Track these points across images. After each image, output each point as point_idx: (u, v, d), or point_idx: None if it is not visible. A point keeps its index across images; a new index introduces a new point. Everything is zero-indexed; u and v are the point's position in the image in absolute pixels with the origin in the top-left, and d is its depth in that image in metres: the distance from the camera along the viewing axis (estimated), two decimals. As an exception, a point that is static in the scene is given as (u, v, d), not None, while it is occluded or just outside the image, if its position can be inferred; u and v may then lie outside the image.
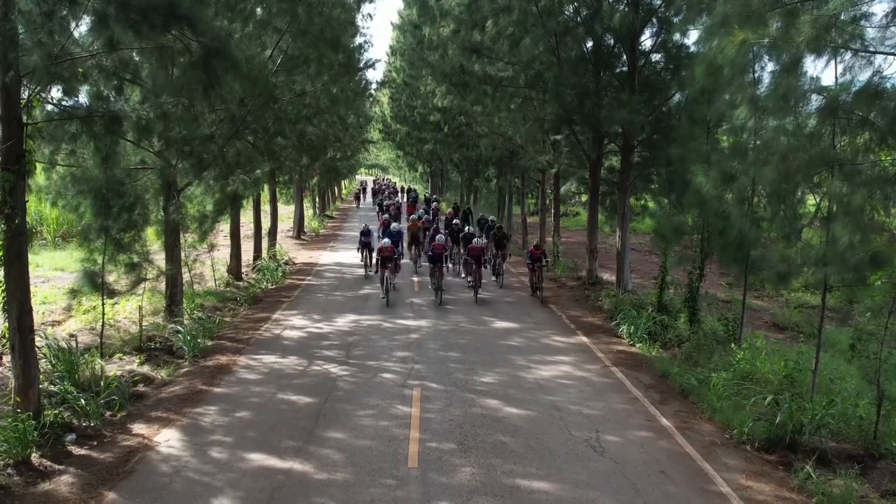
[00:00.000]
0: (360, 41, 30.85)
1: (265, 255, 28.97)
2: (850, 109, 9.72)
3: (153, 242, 17.59)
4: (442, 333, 17.40)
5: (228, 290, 22.86)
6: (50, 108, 11.64)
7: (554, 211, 31.13)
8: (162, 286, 17.29)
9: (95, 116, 11.26)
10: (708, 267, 17.28)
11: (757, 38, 10.29)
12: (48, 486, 9.13)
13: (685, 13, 18.03)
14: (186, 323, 16.67)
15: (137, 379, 13.45)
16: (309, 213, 48.66)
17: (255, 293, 22.65)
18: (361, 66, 31.28)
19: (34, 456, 9.73)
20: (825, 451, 10.18)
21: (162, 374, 13.98)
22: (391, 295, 21.43)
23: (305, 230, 41.54)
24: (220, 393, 12.88)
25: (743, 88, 11.74)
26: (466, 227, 29.85)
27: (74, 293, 14.07)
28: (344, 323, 18.26)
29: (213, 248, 22.20)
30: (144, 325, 16.18)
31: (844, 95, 9.71)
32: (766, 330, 19.54)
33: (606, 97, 21.42)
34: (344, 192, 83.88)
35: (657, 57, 21.77)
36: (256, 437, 10.75)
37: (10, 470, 9.32)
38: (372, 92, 41.28)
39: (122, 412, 11.79)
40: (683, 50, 20.42)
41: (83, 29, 11.35)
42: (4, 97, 10.13)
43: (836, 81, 10.12)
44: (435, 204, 40.36)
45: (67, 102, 11.47)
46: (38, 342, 11.42)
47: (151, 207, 16.02)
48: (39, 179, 14.45)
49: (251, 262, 27.70)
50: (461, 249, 25.91)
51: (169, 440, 10.65)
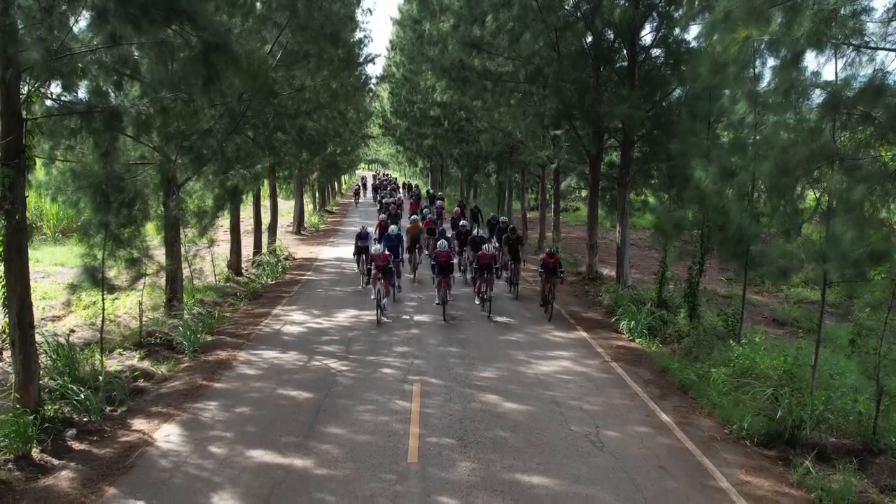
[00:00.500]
0: (359, 36, 30.75)
1: (265, 250, 28.96)
2: (852, 105, 9.71)
3: (153, 238, 17.59)
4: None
5: (228, 285, 22.85)
6: (49, 103, 11.61)
7: (554, 206, 31.13)
8: (162, 281, 17.30)
9: (95, 112, 11.25)
10: (708, 262, 17.28)
11: (760, 34, 10.27)
12: (49, 480, 9.14)
13: (686, 9, 18.03)
14: (186, 318, 16.67)
15: (137, 374, 13.47)
16: (309, 208, 48.64)
17: (255, 288, 22.65)
18: (361, 61, 31.17)
19: (34, 451, 9.75)
20: (824, 446, 10.20)
21: (162, 369, 14.00)
22: (391, 299, 20.15)
23: (305, 225, 41.53)
24: (220, 388, 12.89)
25: (743, 84, 11.72)
26: (475, 228, 26.77)
27: (74, 288, 14.04)
28: (344, 318, 18.26)
29: (212, 243, 22.19)
30: (144, 320, 16.18)
31: (847, 91, 9.69)
32: (765, 325, 19.54)
33: (606, 92, 21.40)
34: (344, 187, 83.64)
35: (657, 52, 21.73)
36: (256, 432, 10.77)
37: (10, 465, 9.33)
38: (372, 87, 41.08)
39: (122, 407, 11.81)
40: (684, 45, 20.39)
41: (82, 24, 11.34)
42: (4, 93, 10.12)
43: (836, 77, 10.12)
44: (440, 202, 37.24)
45: (67, 98, 11.45)
46: (38, 338, 11.42)
47: (151, 203, 15.99)
48: (39, 175, 14.44)
49: (251, 257, 27.70)
50: (469, 255, 23.08)
51: (169, 435, 10.67)
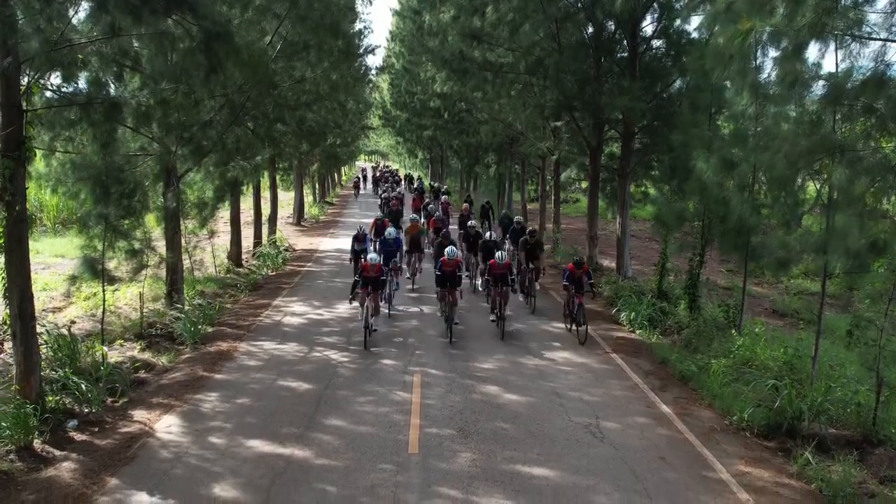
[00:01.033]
0: (359, 27, 30.74)
1: (265, 241, 28.96)
2: (854, 97, 9.69)
3: (153, 229, 17.59)
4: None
5: (229, 276, 22.86)
6: (49, 94, 11.60)
7: (554, 197, 31.10)
8: (162, 273, 17.31)
9: (95, 103, 11.23)
10: (708, 254, 17.28)
11: (762, 25, 10.25)
12: (50, 471, 9.16)
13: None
14: (187, 309, 16.68)
15: (138, 365, 13.49)
16: (309, 199, 48.60)
17: (255, 279, 22.65)
18: (361, 52, 31.16)
19: (36, 442, 9.77)
20: (824, 437, 10.22)
21: (163, 360, 14.01)
22: (387, 311, 17.69)
23: (305, 217, 41.52)
24: (220, 379, 12.91)
25: (745, 75, 11.69)
26: (485, 228, 25.54)
27: (75, 280, 14.08)
28: (344, 309, 18.26)
29: (213, 234, 22.20)
30: (145, 311, 16.19)
31: (849, 82, 9.68)
32: (765, 317, 19.55)
33: (607, 83, 21.34)
34: (344, 178, 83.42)
35: (658, 43, 21.66)
36: (257, 423, 10.79)
37: (12, 456, 9.35)
38: (371, 78, 41.04)
39: (123, 398, 11.82)
40: (685, 36, 20.32)
41: (82, 15, 11.31)
42: (4, 84, 10.09)
43: (837, 68, 10.10)
44: (445, 197, 32.88)
45: (67, 89, 11.42)
46: (38, 329, 11.43)
47: (151, 194, 15.99)
48: (39, 166, 14.43)
49: (251, 248, 27.71)
50: (479, 260, 20.03)
51: (170, 426, 10.69)
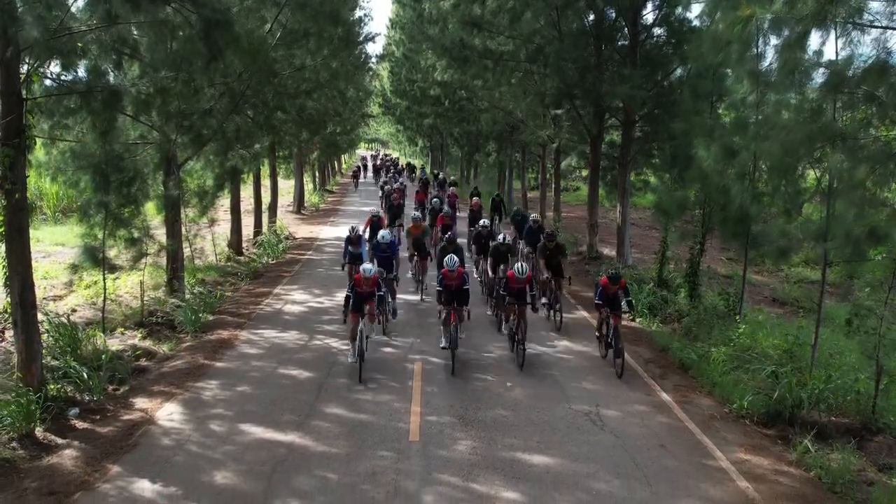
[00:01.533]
0: (359, 14, 30.69)
1: (265, 229, 28.96)
2: (855, 85, 9.67)
3: (153, 217, 17.60)
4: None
5: (229, 264, 22.88)
6: (49, 83, 11.58)
7: (554, 185, 31.11)
8: (163, 261, 17.32)
9: (94, 91, 11.21)
10: (709, 242, 17.29)
11: (763, 13, 10.22)
12: (52, 459, 9.20)
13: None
14: (188, 297, 16.70)
15: (139, 353, 13.51)
16: (309, 187, 48.57)
17: (255, 268, 22.66)
18: (361, 39, 31.04)
19: (38, 430, 9.80)
20: (824, 425, 10.26)
21: (164, 348, 14.04)
22: (382, 326, 14.94)
23: (305, 205, 41.49)
24: (221, 367, 12.93)
25: (746, 63, 11.67)
26: (497, 225, 23.97)
27: (75, 268, 14.11)
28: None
29: (213, 222, 22.20)
30: (146, 299, 16.21)
31: (850, 70, 9.66)
32: (765, 305, 19.58)
33: (608, 71, 21.30)
34: (344, 166, 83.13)
35: (659, 31, 21.63)
36: (258, 410, 10.82)
37: (14, 444, 9.38)
38: (371, 66, 40.89)
39: (124, 386, 11.86)
40: (686, 24, 20.28)
41: (81, 3, 11.28)
42: (4, 72, 10.08)
43: (837, 56, 10.08)
44: (452, 189, 30.63)
45: (66, 77, 11.41)
46: (39, 317, 11.45)
47: (151, 182, 16.00)
48: (39, 155, 14.42)
49: (251, 236, 27.71)
50: (489, 267, 16.48)
51: (171, 414, 10.72)
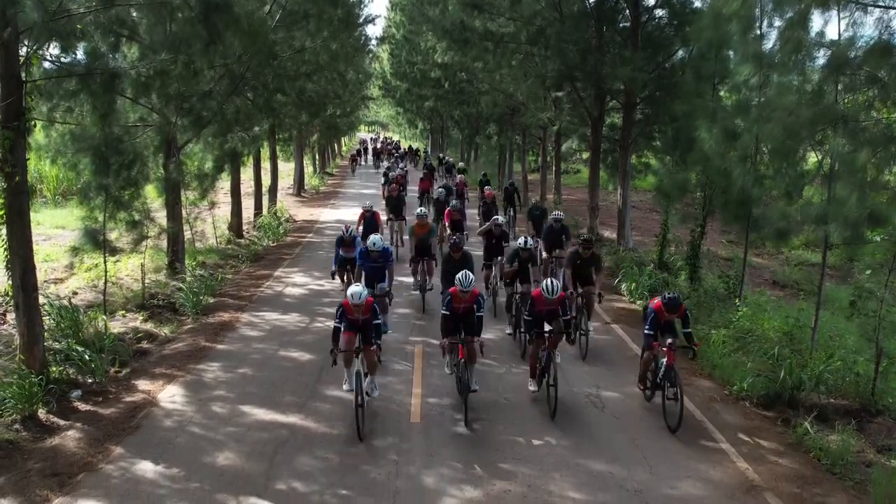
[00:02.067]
0: (359, -5, 30.46)
1: (266, 212, 28.93)
2: (857, 66, 9.64)
3: (153, 200, 17.57)
4: None
5: (230, 247, 22.88)
6: (48, 65, 11.53)
7: (555, 168, 31.06)
8: (163, 244, 17.33)
9: (94, 73, 11.17)
10: (709, 224, 17.27)
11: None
12: (55, 440, 9.25)
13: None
14: (189, 280, 16.71)
15: (141, 336, 13.54)
16: (309, 170, 48.45)
17: (256, 250, 22.67)
18: (361, 21, 30.89)
19: (41, 412, 9.83)
20: (823, 407, 10.30)
21: (165, 330, 14.07)
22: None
23: (306, 187, 41.40)
24: (222, 349, 12.97)
25: (748, 44, 11.62)
26: (509, 218, 22.54)
27: (76, 251, 14.11)
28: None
29: (213, 205, 22.13)
30: (147, 282, 16.22)
31: (852, 51, 9.62)
32: (766, 287, 19.61)
33: (609, 53, 21.21)
34: (344, 149, 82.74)
35: (661, 12, 21.53)
36: (259, 392, 10.86)
37: (17, 425, 9.42)
38: (371, 48, 40.72)
39: (126, 369, 11.89)
40: (688, 5, 20.18)
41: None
42: (3, 54, 10.03)
43: (839, 36, 10.03)
44: (461, 176, 28.51)
45: (65, 60, 11.37)
46: (41, 300, 11.46)
47: (151, 165, 15.97)
48: (39, 137, 14.38)
49: (252, 219, 27.68)
50: (498, 272, 14.94)
51: (173, 396, 10.76)
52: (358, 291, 9.55)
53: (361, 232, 16.77)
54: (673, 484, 8.30)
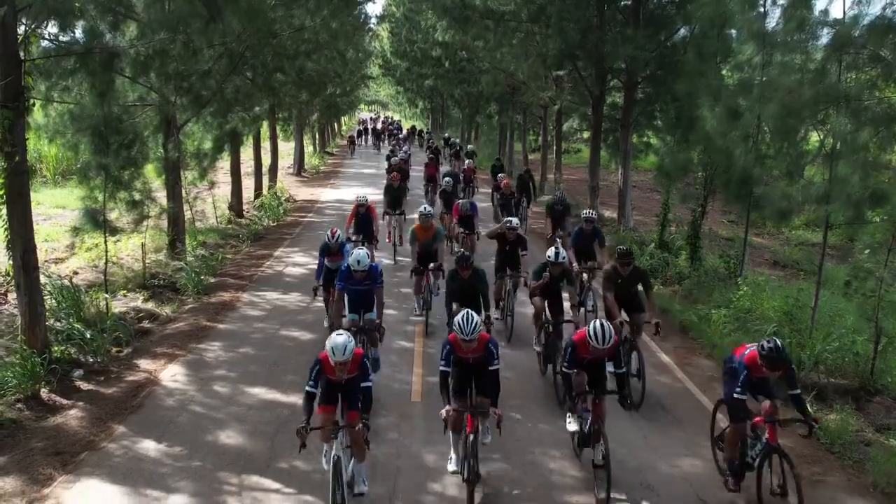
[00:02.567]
0: (359, -27, 30.20)
1: (266, 192, 28.89)
2: (860, 45, 9.59)
3: (153, 180, 17.54)
4: None
5: (230, 227, 22.88)
6: (46, 44, 11.46)
7: (556, 148, 30.95)
8: (164, 224, 17.33)
9: (93, 52, 11.11)
10: (710, 204, 17.26)
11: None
12: (58, 419, 9.29)
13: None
14: (189, 260, 16.73)
15: (142, 315, 13.57)
16: (309, 150, 48.34)
17: (256, 230, 22.66)
18: (361, -1, 30.68)
19: (43, 391, 9.88)
20: (823, 386, 10.33)
21: (166, 310, 14.10)
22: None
23: (306, 167, 41.32)
24: (223, 329, 13.00)
25: (750, 23, 11.55)
26: (524, 206, 20.61)
27: (77, 231, 14.11)
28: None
29: (213, 185, 22.10)
30: (147, 262, 16.23)
31: (855, 30, 9.57)
32: (766, 267, 19.62)
33: (610, 32, 21.06)
34: (344, 128, 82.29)
35: (663, -10, 21.35)
36: (260, 372, 10.90)
37: (20, 405, 9.46)
38: (371, 26, 40.44)
39: (127, 348, 11.93)
40: (690, -17, 20.01)
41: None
42: (1, 33, 9.96)
43: (843, 15, 9.97)
44: (470, 161, 25.93)
45: (64, 38, 11.30)
46: (42, 279, 11.48)
47: (150, 144, 15.94)
48: (38, 117, 14.32)
49: (252, 199, 27.64)
50: (512, 288, 12.56)
51: (175, 375, 10.80)
52: (342, 344, 6.87)
53: (353, 230, 15.15)
54: (673, 462, 8.34)
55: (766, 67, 12.53)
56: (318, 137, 53.66)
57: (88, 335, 11.44)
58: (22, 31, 10.41)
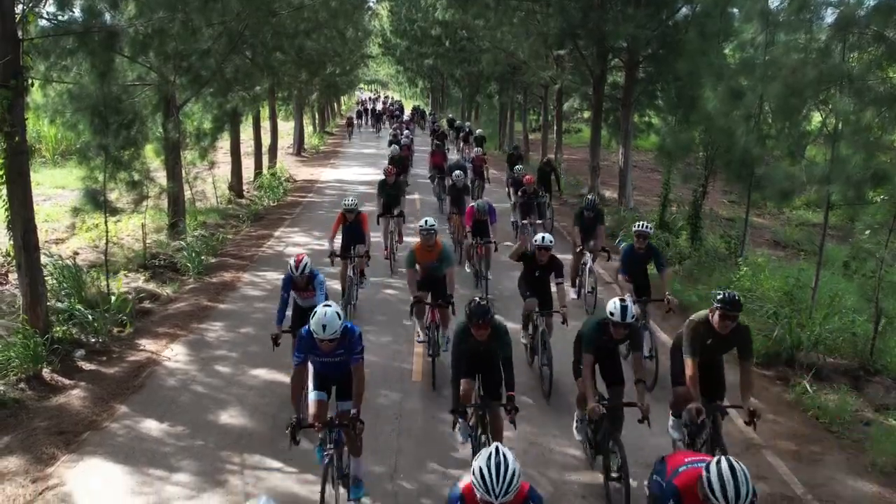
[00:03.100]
0: (359, -49, 30.00)
1: (266, 172, 28.83)
2: (864, 25, 9.54)
3: (153, 160, 17.50)
4: None
5: (230, 207, 22.85)
6: (44, 23, 11.40)
7: (556, 127, 30.85)
8: (164, 204, 17.32)
9: (92, 32, 11.04)
10: (711, 184, 17.23)
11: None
12: (60, 399, 9.32)
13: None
14: (189, 240, 16.72)
15: (143, 296, 13.59)
16: (309, 129, 48.18)
17: (256, 210, 22.64)
18: (361, -23, 30.49)
19: (45, 371, 9.90)
20: (822, 366, 10.37)
21: (167, 290, 14.12)
22: None
23: (305, 147, 41.21)
24: (224, 309, 13.02)
25: (754, 1, 11.48)
26: (547, 208, 17.50)
27: (77, 211, 14.08)
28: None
29: (213, 165, 22.05)
30: (148, 242, 16.24)
31: (861, 9, 9.52)
32: (767, 247, 19.62)
33: (611, 10, 20.90)
34: (344, 107, 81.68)
35: (665, -32, 21.18)
36: (261, 352, 10.90)
37: (22, 384, 9.50)
38: (371, 5, 40.21)
39: (129, 328, 11.95)
40: (692, -39, 19.87)
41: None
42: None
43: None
44: (479, 149, 22.44)
45: (62, 17, 11.24)
46: (43, 260, 11.48)
47: (150, 124, 15.87)
48: (37, 97, 14.27)
49: (252, 179, 27.60)
50: (548, 328, 9.71)
51: (176, 355, 10.83)
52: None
53: (339, 245, 12.57)
54: (671, 439, 8.38)
55: (769, 47, 12.46)
56: (317, 117, 53.48)
57: (90, 316, 11.45)
58: (20, 10, 10.35)
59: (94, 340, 11.20)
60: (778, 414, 9.23)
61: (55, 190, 23.42)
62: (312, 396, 6.86)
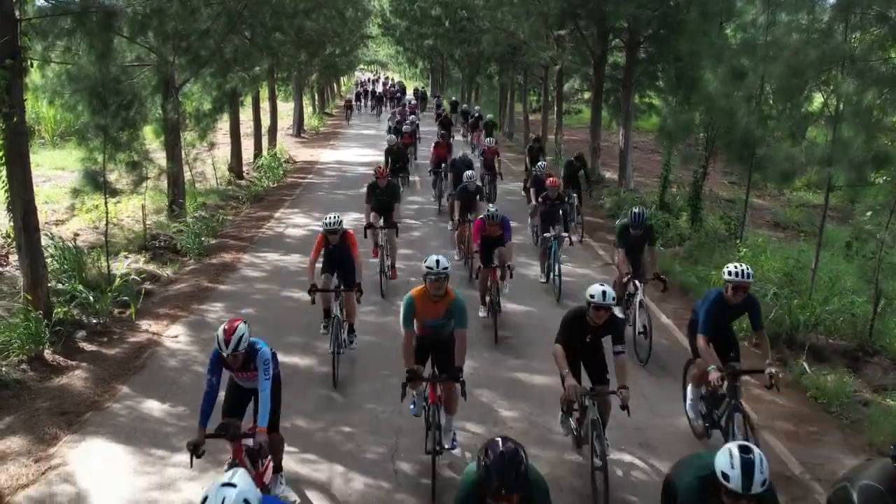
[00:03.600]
0: (358, -70, 29.79)
1: (266, 153, 28.76)
2: (867, 4, 9.49)
3: (152, 141, 17.45)
4: None
5: (230, 188, 22.84)
6: (42, 3, 11.34)
7: (556, 108, 30.74)
8: (164, 185, 17.30)
9: (90, 12, 10.98)
10: (711, 165, 17.20)
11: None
12: (62, 380, 9.36)
13: None
14: (190, 221, 16.72)
15: (144, 277, 13.61)
16: (308, 110, 48.00)
17: (256, 191, 22.62)
18: (360, -44, 30.28)
19: (47, 352, 9.93)
20: (821, 347, 10.40)
21: (168, 271, 14.14)
22: None
23: (305, 128, 41.09)
24: (225, 290, 13.04)
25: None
26: (575, 212, 15.58)
27: (77, 192, 14.07)
28: (346, 221, 18.25)
29: (213, 146, 21.99)
30: (148, 223, 16.24)
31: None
32: (767, 229, 19.62)
33: (612, -10, 20.85)
34: (343, 88, 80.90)
35: (666, -53, 21.04)
36: (262, 332, 10.77)
37: (24, 365, 9.52)
38: (371, -16, 39.97)
39: (129, 309, 11.97)
40: (694, -60, 19.73)
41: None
42: (-4, -8, 9.86)
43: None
44: (490, 140, 20.06)
45: (60, -3, 11.18)
46: (43, 241, 11.48)
47: (149, 105, 15.83)
48: (35, 78, 14.20)
49: (252, 160, 27.54)
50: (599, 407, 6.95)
51: (177, 336, 10.86)
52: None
53: (323, 265, 10.17)
54: (672, 421, 8.42)
55: (770, 27, 12.40)
56: (317, 98, 53.27)
57: (91, 297, 11.47)
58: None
59: (95, 321, 11.22)
60: (776, 395, 9.24)
61: (55, 171, 23.38)
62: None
